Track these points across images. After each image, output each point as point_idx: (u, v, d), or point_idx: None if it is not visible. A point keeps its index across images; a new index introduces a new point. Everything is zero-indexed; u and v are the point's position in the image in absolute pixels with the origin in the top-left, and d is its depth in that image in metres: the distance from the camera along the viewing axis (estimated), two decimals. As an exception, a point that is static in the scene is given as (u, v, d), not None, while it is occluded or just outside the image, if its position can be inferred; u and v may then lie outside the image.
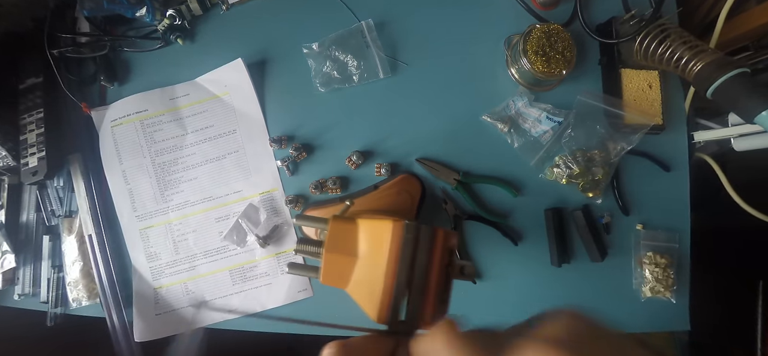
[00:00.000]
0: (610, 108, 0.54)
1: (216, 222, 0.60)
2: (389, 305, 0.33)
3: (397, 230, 0.34)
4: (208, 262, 0.60)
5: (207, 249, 0.60)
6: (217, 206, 0.60)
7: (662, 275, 0.55)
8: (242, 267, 0.59)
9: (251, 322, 0.59)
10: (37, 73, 0.60)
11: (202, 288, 0.59)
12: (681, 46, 0.49)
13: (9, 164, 0.58)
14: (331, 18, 0.60)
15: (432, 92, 0.59)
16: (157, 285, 0.60)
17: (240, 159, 0.60)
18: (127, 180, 0.60)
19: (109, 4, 0.56)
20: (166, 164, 0.60)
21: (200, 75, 0.60)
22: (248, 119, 0.60)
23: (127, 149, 0.60)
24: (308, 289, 0.59)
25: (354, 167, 0.57)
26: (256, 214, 0.58)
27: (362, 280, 0.36)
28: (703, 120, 0.59)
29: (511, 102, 0.57)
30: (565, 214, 0.57)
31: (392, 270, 0.33)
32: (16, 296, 0.59)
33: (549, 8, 0.59)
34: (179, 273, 0.60)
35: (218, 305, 0.60)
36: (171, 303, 0.60)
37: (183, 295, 0.60)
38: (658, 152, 0.57)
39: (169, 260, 0.60)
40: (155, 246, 0.60)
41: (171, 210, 0.60)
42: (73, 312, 0.60)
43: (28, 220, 0.61)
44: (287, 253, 0.59)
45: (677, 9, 0.58)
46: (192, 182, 0.60)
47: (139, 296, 0.60)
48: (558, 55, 0.52)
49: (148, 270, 0.60)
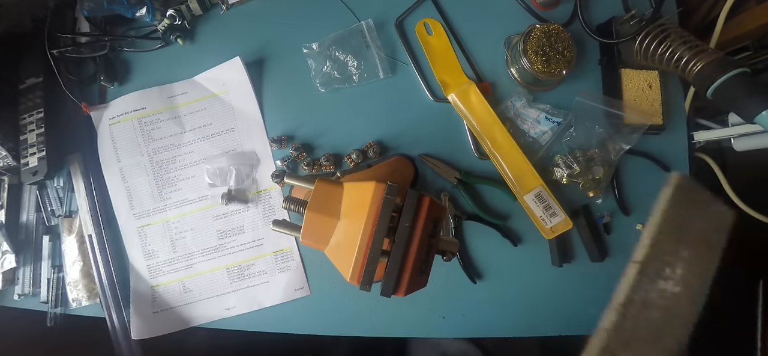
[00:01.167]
0: (609, 109, 0.54)
1: (213, 220, 0.60)
2: (363, 264, 0.32)
3: (379, 189, 0.33)
4: (206, 260, 0.60)
5: (205, 247, 0.60)
6: (215, 204, 0.60)
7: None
8: (240, 265, 0.59)
9: (248, 321, 0.59)
10: (37, 73, 0.60)
11: (200, 286, 0.59)
12: (681, 46, 0.49)
13: (9, 164, 0.58)
14: (331, 18, 0.60)
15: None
16: (154, 283, 0.60)
17: (238, 157, 0.59)
18: (125, 178, 0.60)
19: (109, 4, 0.56)
20: (164, 162, 0.60)
21: (199, 73, 0.60)
22: (246, 118, 0.60)
23: (125, 147, 0.60)
24: (305, 287, 0.59)
25: (354, 165, 0.57)
26: (243, 169, 0.58)
27: (341, 242, 0.35)
28: (703, 120, 0.59)
29: (510, 103, 0.57)
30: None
31: (370, 227, 0.32)
32: (16, 296, 0.59)
33: (549, 8, 0.59)
34: (177, 270, 0.60)
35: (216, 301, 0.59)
36: (168, 301, 0.60)
37: (180, 293, 0.60)
38: (658, 152, 0.57)
39: (166, 259, 0.60)
40: (153, 244, 0.60)
41: (169, 208, 0.60)
42: (73, 312, 0.60)
43: (28, 220, 0.61)
44: (284, 251, 0.59)
45: (677, 9, 0.58)
46: (190, 180, 0.60)
47: (136, 294, 0.60)
48: (558, 55, 0.52)
49: (145, 267, 0.60)
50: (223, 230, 0.60)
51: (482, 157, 0.58)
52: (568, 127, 0.55)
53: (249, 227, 0.59)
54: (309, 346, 0.85)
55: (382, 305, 0.58)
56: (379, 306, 0.58)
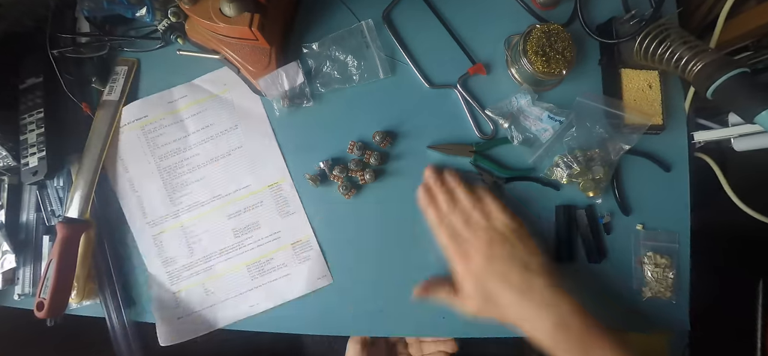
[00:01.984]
0: (609, 109, 0.54)
1: (228, 219, 0.59)
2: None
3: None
4: (225, 260, 0.59)
5: (222, 247, 0.59)
6: (227, 202, 0.59)
7: (662, 275, 0.55)
8: (259, 261, 0.59)
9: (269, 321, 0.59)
10: (37, 73, 0.60)
11: (222, 287, 0.59)
12: (681, 46, 0.49)
13: (9, 164, 0.58)
14: (331, 18, 0.60)
15: (432, 91, 0.59)
16: (175, 289, 0.60)
17: (244, 154, 0.60)
18: (135, 188, 0.60)
19: (109, 4, 0.56)
20: (172, 167, 0.60)
21: (200, 75, 0.60)
22: (249, 114, 0.60)
23: (131, 157, 0.60)
24: (327, 276, 0.58)
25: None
26: (290, 70, 0.56)
27: None
28: (703, 120, 0.59)
29: (514, 99, 0.57)
30: (572, 212, 0.57)
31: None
32: (16, 296, 0.59)
33: (549, 8, 0.59)
34: (197, 274, 0.60)
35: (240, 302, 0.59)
36: (192, 306, 0.59)
37: (203, 296, 0.59)
38: (658, 152, 0.57)
39: (185, 263, 0.60)
40: (170, 251, 0.60)
41: (182, 212, 0.60)
42: (73, 312, 0.60)
43: (28, 220, 0.61)
44: (302, 242, 0.58)
45: (677, 9, 0.58)
46: (200, 182, 0.60)
47: (159, 302, 0.59)
48: (558, 55, 0.52)
49: (165, 275, 0.60)
50: (239, 228, 0.59)
51: (483, 136, 0.58)
52: (569, 127, 0.55)
53: (264, 222, 0.59)
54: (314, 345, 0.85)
55: (391, 306, 0.58)
56: (389, 307, 0.58)
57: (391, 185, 0.58)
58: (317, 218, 0.59)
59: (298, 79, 0.56)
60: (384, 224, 0.58)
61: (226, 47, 0.56)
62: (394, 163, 0.59)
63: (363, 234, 0.58)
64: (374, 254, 0.58)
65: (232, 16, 0.49)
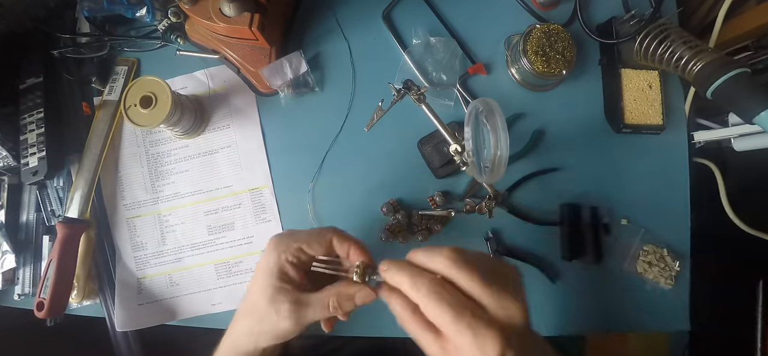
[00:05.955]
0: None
1: (205, 215, 0.60)
2: None
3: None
4: (195, 255, 0.60)
5: (194, 242, 0.60)
6: (207, 199, 0.60)
7: (662, 275, 0.55)
8: (228, 262, 0.59)
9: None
10: (37, 73, 0.59)
11: (187, 280, 0.59)
12: (681, 46, 0.49)
13: (9, 164, 0.58)
14: (331, 18, 0.60)
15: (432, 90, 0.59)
16: (141, 274, 0.60)
17: (232, 154, 0.60)
18: (119, 168, 0.61)
19: (109, 5, 0.56)
20: (160, 154, 0.60)
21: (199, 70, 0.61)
22: (243, 116, 0.60)
23: (121, 138, 0.61)
24: None
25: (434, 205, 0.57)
26: (293, 59, 0.56)
27: None
28: (703, 120, 0.59)
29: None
30: (575, 211, 0.57)
31: None
32: (16, 296, 0.59)
33: (549, 8, 0.59)
34: (165, 264, 0.60)
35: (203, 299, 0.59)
36: (154, 294, 0.60)
37: (167, 286, 0.60)
38: (658, 152, 0.57)
39: (155, 251, 0.60)
40: (142, 236, 0.60)
41: (161, 201, 0.60)
42: (72, 312, 0.60)
43: (28, 220, 0.61)
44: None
45: (677, 9, 0.58)
46: (184, 174, 0.60)
47: (122, 285, 0.60)
48: (558, 55, 0.52)
49: (133, 259, 0.60)
50: (214, 226, 0.60)
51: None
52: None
53: (239, 224, 0.59)
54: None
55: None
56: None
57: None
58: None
59: (301, 68, 0.56)
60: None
61: (226, 47, 0.57)
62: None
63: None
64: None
65: (232, 16, 0.49)
